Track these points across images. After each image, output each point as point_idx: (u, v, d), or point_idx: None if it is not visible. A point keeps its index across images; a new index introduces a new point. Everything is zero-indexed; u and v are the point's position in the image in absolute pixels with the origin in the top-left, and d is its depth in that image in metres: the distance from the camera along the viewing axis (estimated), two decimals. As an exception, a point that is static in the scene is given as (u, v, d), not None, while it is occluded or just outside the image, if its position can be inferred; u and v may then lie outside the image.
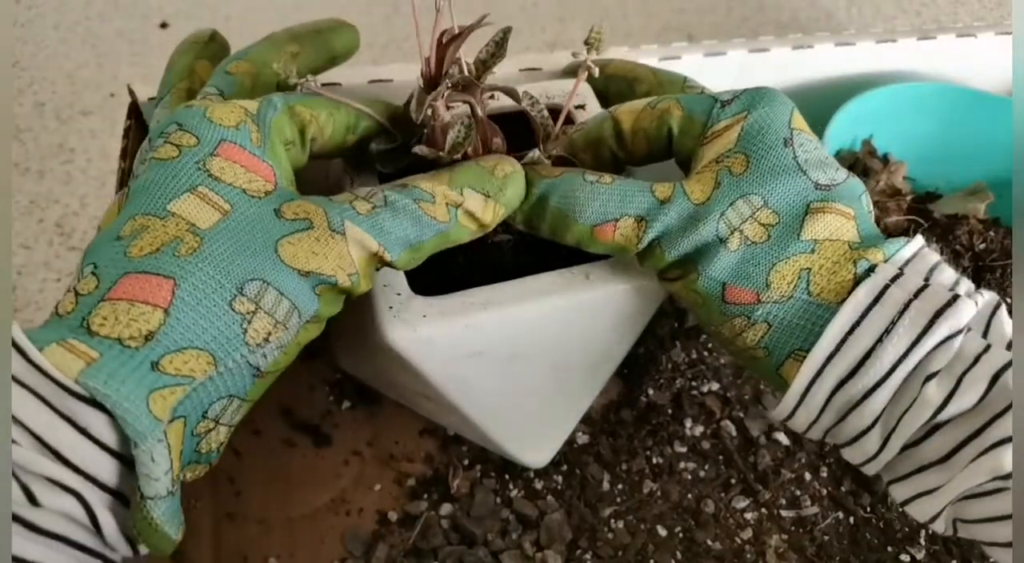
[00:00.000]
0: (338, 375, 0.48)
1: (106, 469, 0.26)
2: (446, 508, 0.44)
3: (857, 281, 0.31)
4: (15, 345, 0.25)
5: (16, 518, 0.24)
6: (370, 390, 0.48)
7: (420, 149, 0.33)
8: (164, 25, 0.70)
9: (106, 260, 0.27)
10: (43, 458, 0.24)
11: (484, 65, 0.34)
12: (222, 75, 0.35)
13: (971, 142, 0.56)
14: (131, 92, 0.43)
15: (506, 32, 0.34)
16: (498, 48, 0.34)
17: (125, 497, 0.26)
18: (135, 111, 0.44)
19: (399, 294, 0.33)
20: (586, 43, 0.32)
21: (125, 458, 0.26)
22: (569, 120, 0.37)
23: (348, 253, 0.29)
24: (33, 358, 0.24)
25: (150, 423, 0.25)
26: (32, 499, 0.24)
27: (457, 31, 0.32)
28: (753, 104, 0.34)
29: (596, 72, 0.34)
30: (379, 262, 0.31)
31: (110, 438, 0.25)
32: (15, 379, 0.25)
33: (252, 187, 0.30)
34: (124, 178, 0.41)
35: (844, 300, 0.30)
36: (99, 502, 0.26)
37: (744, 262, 0.32)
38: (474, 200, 0.32)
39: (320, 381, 0.48)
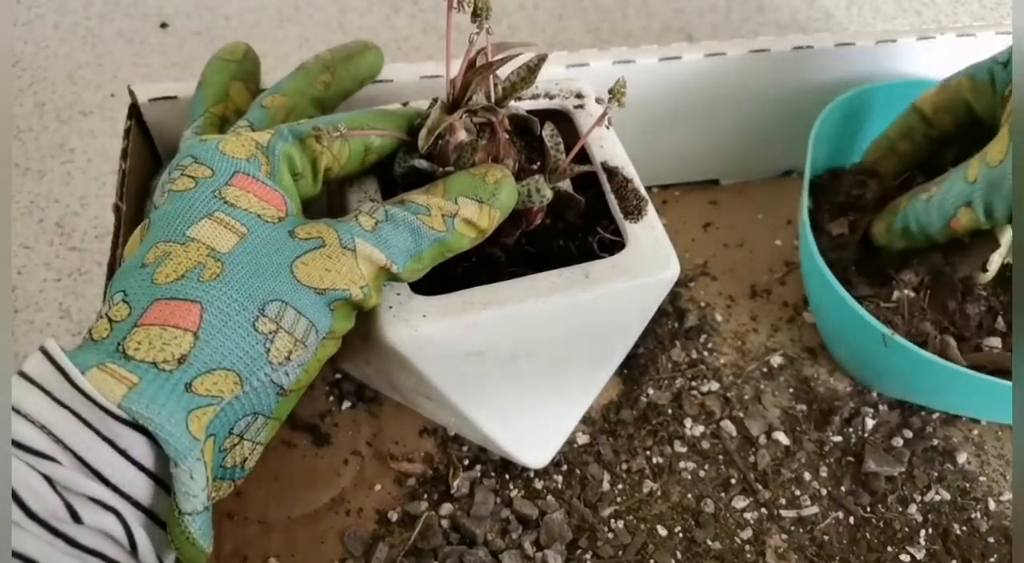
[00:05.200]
0: (337, 375, 0.48)
1: (143, 489, 0.27)
2: (446, 508, 0.44)
3: None
4: (59, 368, 0.26)
5: (58, 533, 0.25)
6: (370, 390, 0.48)
7: (419, 163, 0.34)
8: (164, 25, 0.70)
9: (135, 287, 0.28)
10: (85, 478, 0.25)
11: (514, 88, 0.35)
12: (258, 109, 0.36)
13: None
14: (131, 93, 0.43)
15: (541, 59, 0.35)
16: (530, 73, 0.35)
17: (156, 516, 0.28)
18: (135, 111, 0.44)
19: (399, 294, 0.33)
20: (610, 93, 0.33)
21: (159, 478, 0.27)
22: (580, 157, 0.37)
23: (358, 268, 0.31)
24: (77, 382, 0.25)
25: (190, 443, 0.26)
26: (75, 516, 0.25)
27: (490, 53, 0.33)
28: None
29: (611, 122, 0.34)
30: (387, 275, 0.32)
31: (147, 459, 0.27)
32: (57, 401, 0.26)
33: (266, 214, 0.31)
34: (124, 178, 0.41)
35: None
36: (135, 521, 0.27)
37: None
38: (469, 208, 0.32)
39: (319, 381, 0.48)
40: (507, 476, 0.45)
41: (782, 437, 0.48)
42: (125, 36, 0.69)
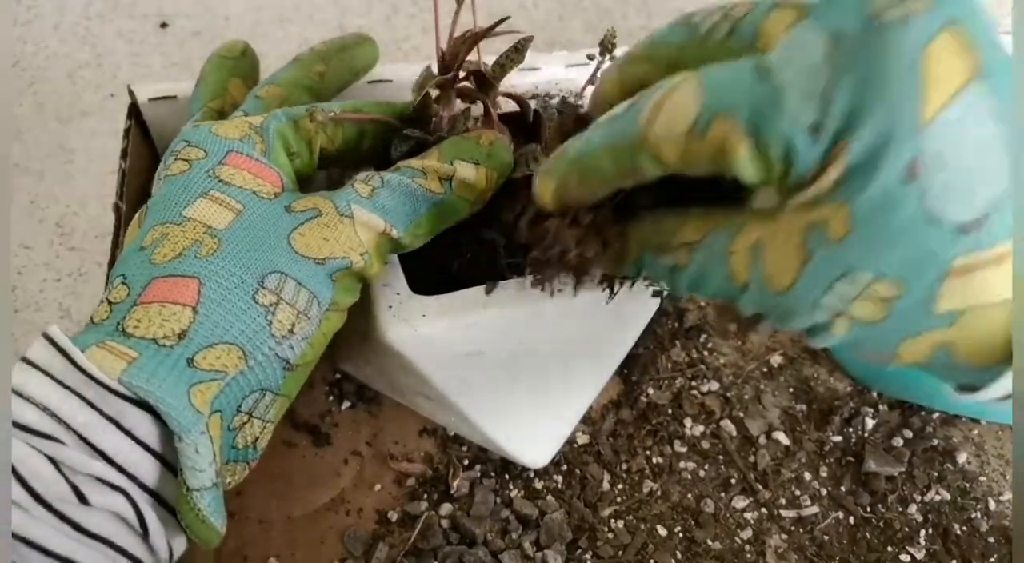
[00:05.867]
0: (337, 375, 0.48)
1: (148, 470, 0.27)
2: (446, 508, 0.44)
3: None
4: (59, 348, 0.26)
5: (65, 518, 0.25)
6: (370, 390, 0.48)
7: (411, 131, 0.34)
8: (164, 25, 0.70)
9: (133, 269, 0.28)
10: (90, 458, 0.25)
11: (502, 68, 0.35)
12: (253, 100, 0.36)
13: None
14: (131, 92, 0.43)
15: (526, 40, 0.35)
16: (517, 54, 0.35)
17: (164, 500, 0.27)
18: (135, 111, 0.44)
19: (399, 294, 0.33)
20: (601, 45, 0.33)
21: (164, 459, 0.27)
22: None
23: (357, 235, 0.31)
24: (77, 360, 0.25)
25: (193, 417, 0.26)
26: (82, 498, 0.25)
27: (477, 31, 0.33)
28: (863, 111, 0.21)
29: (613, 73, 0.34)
30: (389, 242, 0.32)
31: (152, 439, 0.26)
32: (59, 382, 0.25)
33: (261, 190, 0.31)
34: (124, 178, 0.41)
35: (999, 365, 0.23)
36: (144, 502, 0.27)
37: (855, 344, 0.25)
38: (465, 169, 0.33)
39: (319, 381, 0.48)
40: (507, 476, 0.45)
41: (782, 437, 0.48)
42: (125, 36, 0.69)
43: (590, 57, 0.34)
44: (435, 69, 0.35)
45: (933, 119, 0.21)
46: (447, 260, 0.35)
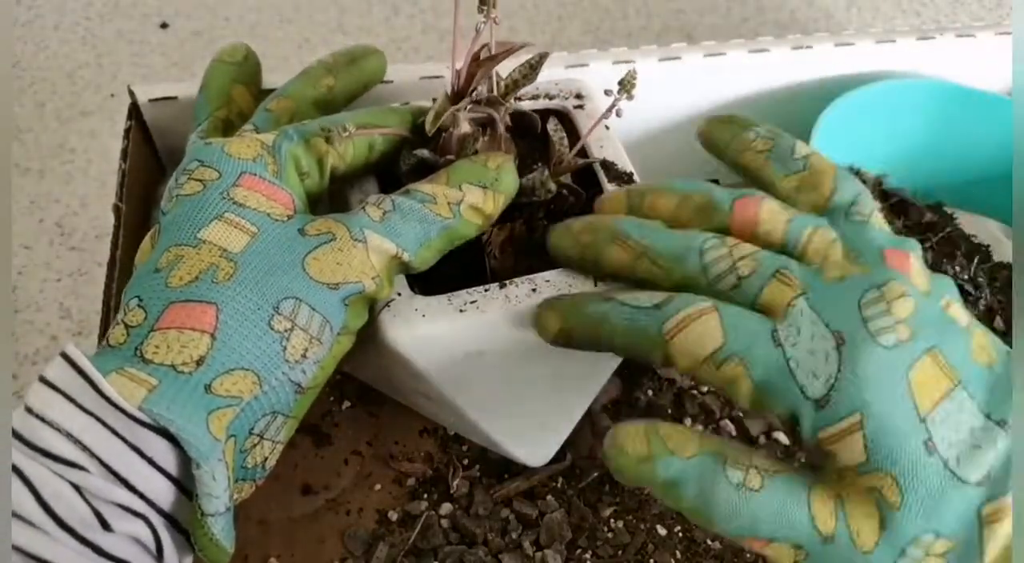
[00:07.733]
0: (338, 375, 0.48)
1: (167, 495, 0.27)
2: (446, 508, 0.44)
3: None
4: (79, 371, 0.26)
5: (87, 543, 0.25)
6: (370, 390, 0.48)
7: (420, 152, 0.34)
8: (164, 25, 0.70)
9: (149, 292, 0.29)
10: (114, 486, 0.26)
11: (515, 84, 0.35)
12: (262, 113, 0.36)
13: (964, 140, 0.56)
14: (131, 93, 0.44)
15: (542, 57, 0.35)
16: (531, 70, 0.35)
17: (176, 521, 0.28)
18: (135, 111, 0.44)
19: (399, 294, 0.33)
20: (620, 84, 0.33)
21: (180, 483, 0.27)
22: (582, 152, 0.38)
23: (369, 259, 0.31)
24: (101, 387, 0.26)
25: (211, 444, 0.26)
26: (105, 524, 0.25)
27: (494, 48, 0.33)
28: (863, 400, 0.27)
29: (620, 113, 0.34)
30: (399, 265, 0.32)
31: (171, 465, 0.27)
32: (82, 408, 0.26)
33: (275, 212, 0.31)
34: (124, 178, 0.41)
35: None
36: (162, 526, 0.27)
37: None
38: (474, 193, 0.33)
39: (320, 381, 0.48)
40: (507, 476, 0.45)
41: (782, 437, 0.48)
42: (125, 36, 0.69)
43: (607, 93, 0.34)
44: (445, 75, 0.35)
45: (927, 415, 0.27)
46: (453, 258, 0.35)
